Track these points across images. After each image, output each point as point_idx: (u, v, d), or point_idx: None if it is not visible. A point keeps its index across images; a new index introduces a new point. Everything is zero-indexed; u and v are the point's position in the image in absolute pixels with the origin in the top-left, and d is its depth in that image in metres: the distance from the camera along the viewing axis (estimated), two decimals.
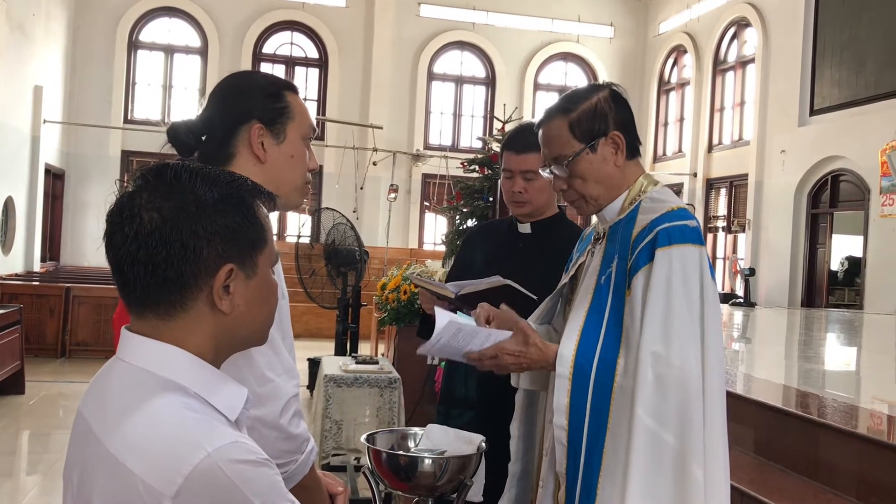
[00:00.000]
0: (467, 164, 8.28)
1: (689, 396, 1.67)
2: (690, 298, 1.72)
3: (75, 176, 14.93)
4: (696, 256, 1.75)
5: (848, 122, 11.89)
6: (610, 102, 1.88)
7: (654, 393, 1.67)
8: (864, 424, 3.32)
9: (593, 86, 1.93)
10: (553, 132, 1.89)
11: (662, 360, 1.68)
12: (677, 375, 1.67)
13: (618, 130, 1.87)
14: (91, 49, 15.04)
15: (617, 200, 1.90)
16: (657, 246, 1.75)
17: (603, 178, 1.88)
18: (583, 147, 1.85)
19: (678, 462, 1.65)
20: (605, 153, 1.86)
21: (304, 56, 16.53)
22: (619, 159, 1.88)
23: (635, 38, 17.65)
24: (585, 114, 1.86)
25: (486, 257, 2.52)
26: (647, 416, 1.66)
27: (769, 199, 13.50)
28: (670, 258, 1.73)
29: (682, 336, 1.70)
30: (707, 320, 1.73)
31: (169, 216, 0.97)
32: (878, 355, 7.17)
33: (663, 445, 1.66)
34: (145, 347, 1.00)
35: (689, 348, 1.69)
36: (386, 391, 4.30)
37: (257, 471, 0.92)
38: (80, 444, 1.00)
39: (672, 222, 1.77)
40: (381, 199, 15.64)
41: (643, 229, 1.79)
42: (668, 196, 1.88)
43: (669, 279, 1.72)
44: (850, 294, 13.96)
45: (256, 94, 1.61)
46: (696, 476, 1.64)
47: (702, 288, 1.74)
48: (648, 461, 1.66)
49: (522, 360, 1.83)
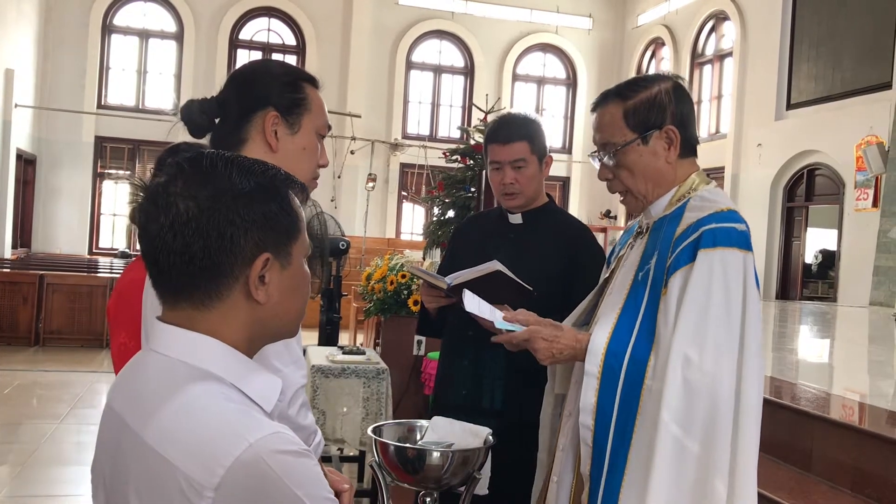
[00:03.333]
0: (449, 154, 8.25)
1: (719, 406, 1.58)
2: (731, 305, 1.63)
3: (47, 161, 14.68)
4: (741, 262, 1.66)
5: (824, 116, 12.02)
6: (671, 95, 1.78)
7: (681, 398, 1.59)
8: (836, 414, 3.36)
9: (657, 75, 1.84)
10: (606, 117, 1.81)
11: (694, 365, 1.60)
12: (708, 382, 1.59)
13: (674, 125, 1.77)
14: (64, 32, 14.76)
15: (665, 196, 1.81)
16: (700, 246, 1.66)
17: (651, 174, 1.79)
18: (635, 137, 1.77)
19: (700, 472, 1.58)
20: (656, 147, 1.78)
21: (282, 43, 16.37)
22: (672, 155, 1.78)
23: (614, 29, 17.69)
24: (643, 103, 1.77)
25: (477, 249, 2.48)
26: (673, 421, 1.59)
27: (745, 193, 13.63)
28: (713, 261, 1.64)
29: (718, 342, 1.61)
30: (748, 330, 1.64)
31: (206, 205, 0.95)
32: (853, 346, 7.27)
33: (686, 453, 1.58)
34: (180, 338, 0.97)
35: (724, 356, 1.61)
36: (373, 382, 4.27)
37: (299, 461, 0.90)
38: (113, 437, 0.98)
39: (719, 223, 1.68)
40: (358, 189, 15.56)
41: (688, 228, 1.70)
42: (720, 197, 1.78)
43: (710, 282, 1.63)
44: (824, 287, 14.14)
45: (275, 82, 1.59)
46: (718, 490, 1.56)
47: (744, 295, 1.65)
48: (670, 468, 1.58)
49: (555, 344, 1.76)
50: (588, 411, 1.71)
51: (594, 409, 1.70)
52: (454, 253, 2.63)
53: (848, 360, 6.21)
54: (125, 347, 1.86)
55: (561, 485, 1.86)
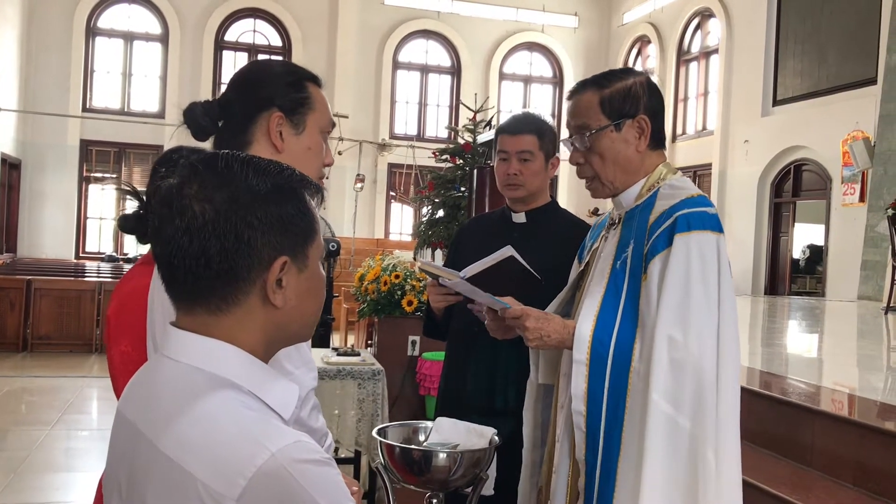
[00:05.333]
0: (439, 154, 8.23)
1: (705, 382, 1.67)
2: (708, 285, 1.72)
3: (32, 165, 14.55)
4: (714, 243, 1.75)
5: (810, 112, 12.08)
6: (645, 87, 1.88)
7: (669, 377, 1.67)
8: (827, 406, 3.38)
9: (632, 69, 1.97)
10: (583, 103, 1.89)
11: (679, 345, 1.68)
12: (694, 361, 1.67)
13: (646, 115, 1.87)
14: (47, 35, 14.64)
15: (634, 186, 1.90)
16: (676, 231, 1.75)
17: (621, 161, 1.88)
18: (608, 123, 1.85)
19: (692, 446, 1.66)
20: (628, 135, 1.87)
21: (268, 44, 16.30)
22: (641, 145, 1.88)
23: (599, 28, 17.73)
24: (618, 92, 1.87)
25: (480, 250, 2.47)
26: (663, 400, 1.67)
27: (733, 189, 13.68)
28: (689, 244, 1.73)
29: (700, 322, 1.70)
30: (723, 308, 1.73)
31: (222, 207, 0.92)
32: (842, 340, 7.30)
33: (678, 429, 1.67)
34: (196, 344, 0.95)
35: (706, 335, 1.70)
36: (368, 383, 4.24)
37: (321, 470, 0.88)
38: (127, 447, 0.95)
39: (691, 208, 1.77)
40: (346, 189, 15.51)
41: (661, 215, 1.79)
42: (687, 184, 1.89)
43: (688, 265, 1.72)
44: (812, 282, 14.23)
45: (278, 82, 1.58)
46: (709, 459, 1.65)
47: (719, 275, 1.74)
48: (664, 445, 1.66)
49: (544, 327, 1.83)
50: (579, 398, 1.78)
51: (585, 394, 1.78)
52: (457, 253, 2.61)
53: (837, 355, 6.24)
54: (127, 356, 1.83)
55: (558, 474, 1.90)
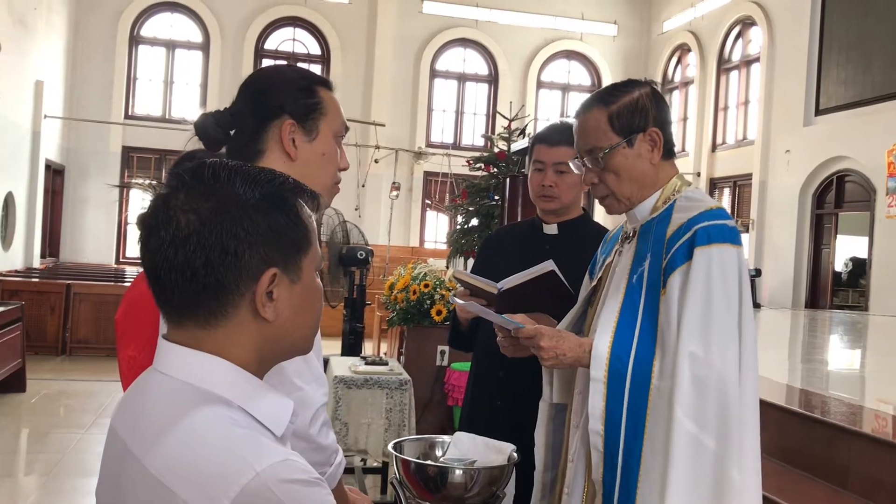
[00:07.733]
0: (473, 162, 8.20)
1: (729, 399, 1.63)
2: (730, 299, 1.68)
3: (75, 172, 14.84)
4: (734, 256, 1.71)
5: (854, 121, 11.83)
6: (651, 98, 1.84)
7: (693, 395, 1.63)
8: (869, 426, 3.27)
9: (633, 81, 1.89)
10: (591, 123, 1.84)
11: (701, 361, 1.64)
12: (717, 377, 1.63)
13: (656, 128, 1.82)
14: (92, 44, 14.94)
15: (649, 199, 1.86)
16: (696, 244, 1.70)
17: (637, 176, 1.83)
18: (620, 140, 1.81)
19: (718, 466, 1.61)
20: (641, 149, 1.82)
21: (307, 52, 16.45)
22: (655, 157, 1.84)
23: (639, 36, 17.59)
24: (626, 107, 1.82)
25: (509, 261, 2.42)
26: (687, 418, 1.62)
27: (773, 200, 13.45)
28: (710, 257, 1.69)
29: (722, 337, 1.66)
30: (744, 322, 1.69)
31: (207, 218, 0.90)
32: (885, 357, 7.11)
33: (703, 449, 1.62)
34: (185, 358, 0.93)
35: (729, 350, 1.66)
36: (396, 393, 4.22)
37: (309, 490, 0.85)
38: (115, 462, 0.93)
39: (711, 221, 1.73)
40: (382, 197, 15.56)
41: (679, 228, 1.75)
42: (704, 196, 1.85)
43: (709, 279, 1.67)
44: (855, 295, 13.91)
45: (288, 89, 1.54)
46: (734, 479, 1.61)
47: (740, 289, 1.70)
48: (688, 464, 1.61)
49: (559, 345, 1.78)
50: (597, 417, 1.73)
51: (603, 413, 1.73)
52: (486, 263, 2.57)
53: (880, 372, 6.08)
54: (134, 361, 1.82)
55: (572, 495, 1.85)
